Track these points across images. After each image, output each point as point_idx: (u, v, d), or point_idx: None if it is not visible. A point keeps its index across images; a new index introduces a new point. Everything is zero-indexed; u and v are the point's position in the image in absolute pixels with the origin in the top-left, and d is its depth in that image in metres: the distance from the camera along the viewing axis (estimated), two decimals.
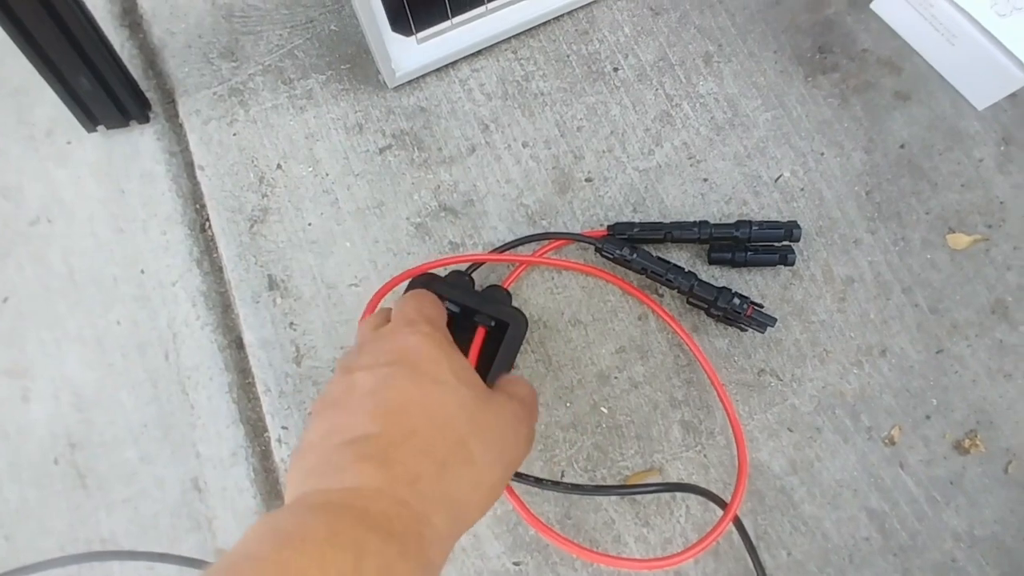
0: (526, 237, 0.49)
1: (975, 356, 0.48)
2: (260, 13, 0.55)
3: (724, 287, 0.46)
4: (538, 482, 0.40)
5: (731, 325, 0.47)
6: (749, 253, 0.48)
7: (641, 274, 0.47)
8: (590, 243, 0.48)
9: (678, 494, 0.45)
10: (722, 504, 0.43)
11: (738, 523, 0.43)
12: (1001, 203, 0.50)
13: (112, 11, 0.56)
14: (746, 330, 0.47)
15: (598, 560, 0.42)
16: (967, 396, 0.47)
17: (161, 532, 0.45)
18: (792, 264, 0.48)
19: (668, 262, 0.47)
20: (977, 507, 0.45)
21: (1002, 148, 0.51)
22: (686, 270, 0.46)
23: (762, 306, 0.46)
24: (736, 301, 0.45)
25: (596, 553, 0.42)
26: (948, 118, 0.52)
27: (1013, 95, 0.51)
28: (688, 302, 0.48)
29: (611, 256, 0.47)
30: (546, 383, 0.47)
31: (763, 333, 0.47)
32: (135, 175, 0.52)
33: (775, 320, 0.45)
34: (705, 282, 0.46)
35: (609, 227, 0.48)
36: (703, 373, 0.47)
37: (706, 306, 0.46)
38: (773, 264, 0.48)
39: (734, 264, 0.48)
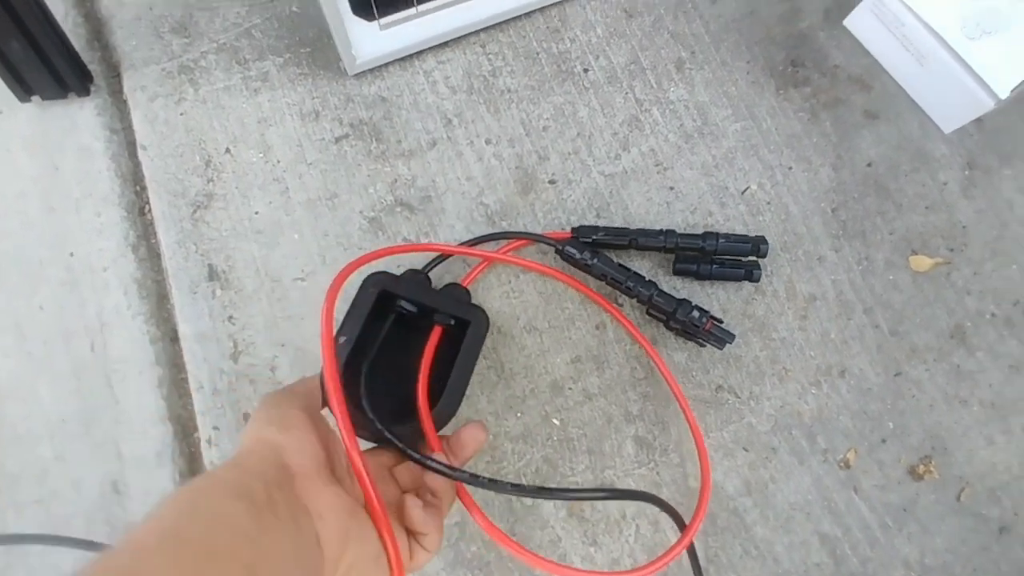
0: (487, 235, 0.47)
1: (933, 381, 0.47)
2: None
3: (684, 299, 0.44)
4: (474, 479, 0.35)
5: (690, 339, 0.46)
6: (715, 266, 0.47)
7: (600, 280, 0.46)
8: (551, 245, 0.46)
9: (628, 512, 0.44)
10: (679, 521, 0.40)
11: (689, 546, 0.42)
12: (964, 227, 0.50)
13: None
14: (704, 345, 0.46)
15: (544, 567, 0.39)
16: (923, 421, 0.46)
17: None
18: (757, 280, 0.47)
19: (629, 269, 0.45)
20: (929, 535, 0.45)
21: (967, 172, 0.51)
22: (647, 279, 0.45)
23: (721, 321, 0.44)
24: (695, 314, 0.43)
25: (544, 560, 0.38)
26: (915, 139, 0.52)
27: (979, 120, 0.51)
28: (648, 312, 0.46)
29: (572, 259, 0.45)
30: (497, 391, 0.45)
31: (721, 349, 0.45)
32: (71, 151, 0.49)
33: (734, 336, 0.44)
34: (665, 293, 0.44)
35: (573, 229, 0.47)
36: (660, 387, 0.46)
37: (665, 318, 0.45)
38: (738, 279, 0.47)
39: (699, 276, 0.47)
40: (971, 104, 0.49)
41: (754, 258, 0.47)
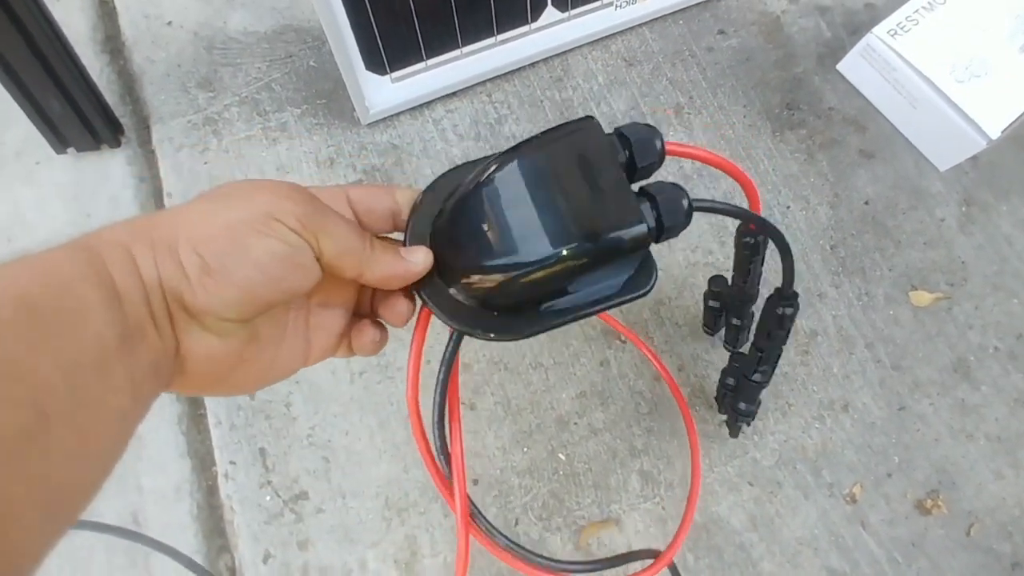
0: None
1: (937, 415, 0.47)
2: (240, 46, 0.56)
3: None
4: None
5: (721, 403, 0.45)
6: None
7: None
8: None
9: (633, 546, 0.44)
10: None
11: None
12: (963, 263, 0.51)
13: (95, 37, 0.57)
14: (735, 414, 0.45)
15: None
16: (929, 455, 0.47)
17: (95, 568, 0.43)
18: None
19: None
20: (940, 571, 0.44)
21: (964, 209, 0.52)
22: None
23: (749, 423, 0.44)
24: (753, 408, 0.42)
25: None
26: (911, 177, 0.53)
27: (974, 157, 0.52)
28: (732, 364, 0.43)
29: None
30: (504, 427, 0.46)
31: (733, 435, 0.45)
32: (103, 199, 0.52)
33: (737, 436, 0.44)
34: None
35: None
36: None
37: (735, 378, 0.42)
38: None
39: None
40: (964, 143, 0.50)
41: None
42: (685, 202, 0.28)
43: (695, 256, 0.50)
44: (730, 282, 0.42)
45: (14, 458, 0.17)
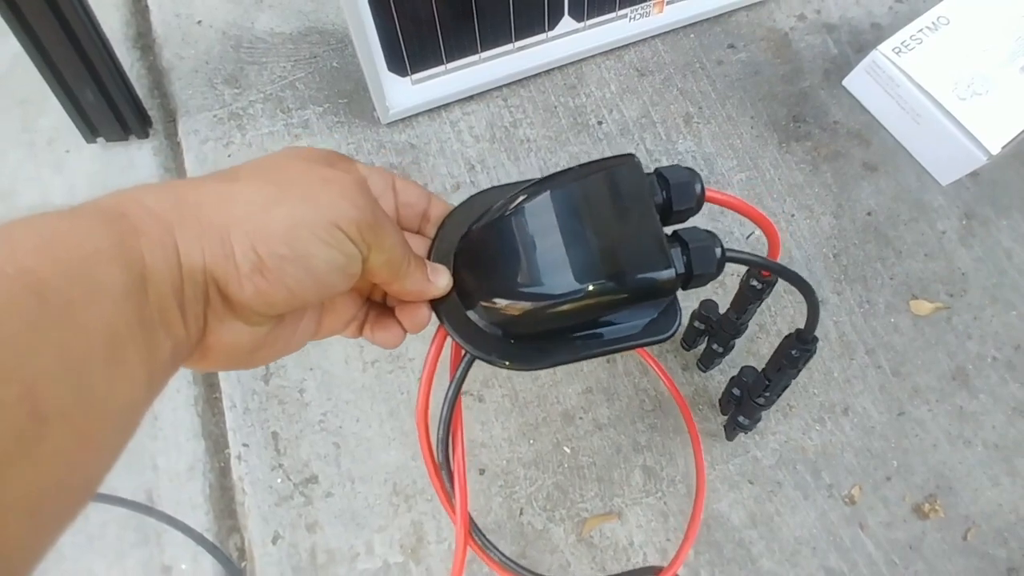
0: None
1: (936, 421, 0.48)
2: (267, 46, 0.58)
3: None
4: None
5: (723, 406, 0.46)
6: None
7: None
8: None
9: (635, 540, 0.45)
10: None
11: None
12: (963, 274, 0.52)
13: (127, 33, 0.59)
14: (735, 424, 0.46)
15: None
16: (927, 460, 0.47)
17: (107, 543, 0.44)
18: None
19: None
20: (936, 574, 0.45)
21: (964, 222, 0.54)
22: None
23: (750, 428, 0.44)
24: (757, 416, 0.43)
25: None
26: (913, 191, 0.54)
27: (975, 173, 0.54)
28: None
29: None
30: (511, 419, 0.47)
31: (729, 438, 0.46)
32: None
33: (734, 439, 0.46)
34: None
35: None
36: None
37: (740, 395, 0.42)
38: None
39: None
40: (965, 159, 0.52)
41: None
42: (718, 251, 0.27)
43: None
44: (721, 311, 0.43)
45: (1, 465, 0.15)
